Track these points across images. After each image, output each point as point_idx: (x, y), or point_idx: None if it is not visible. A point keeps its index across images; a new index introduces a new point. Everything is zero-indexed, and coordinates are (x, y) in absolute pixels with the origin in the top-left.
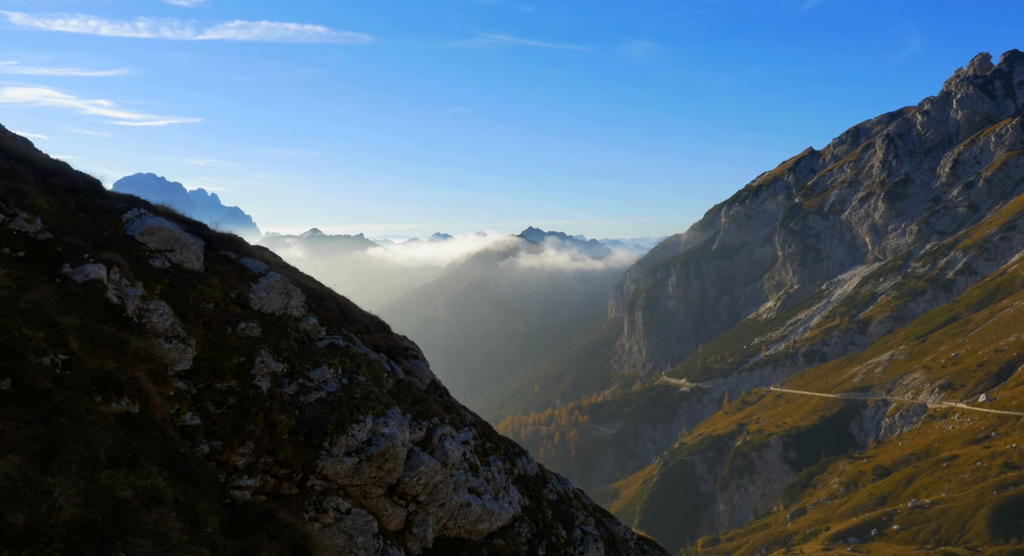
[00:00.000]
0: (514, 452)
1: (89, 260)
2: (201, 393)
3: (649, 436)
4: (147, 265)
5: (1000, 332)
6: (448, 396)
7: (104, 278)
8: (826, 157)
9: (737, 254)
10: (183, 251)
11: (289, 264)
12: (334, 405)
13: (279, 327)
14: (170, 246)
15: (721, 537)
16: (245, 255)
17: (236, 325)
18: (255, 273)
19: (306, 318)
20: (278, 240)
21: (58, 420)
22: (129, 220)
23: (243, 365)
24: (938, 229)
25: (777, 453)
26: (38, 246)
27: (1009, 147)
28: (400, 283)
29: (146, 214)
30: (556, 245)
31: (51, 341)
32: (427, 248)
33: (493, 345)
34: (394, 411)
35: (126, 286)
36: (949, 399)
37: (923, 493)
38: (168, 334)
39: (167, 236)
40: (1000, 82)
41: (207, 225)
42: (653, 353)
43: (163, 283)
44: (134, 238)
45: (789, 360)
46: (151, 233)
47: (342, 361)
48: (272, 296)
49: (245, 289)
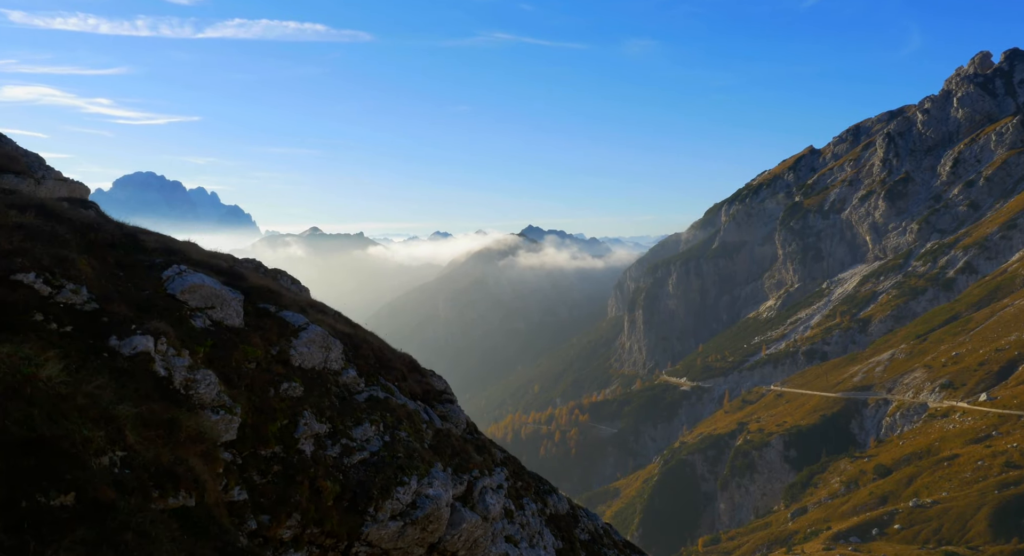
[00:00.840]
0: (544, 490)
1: (136, 332)
2: (247, 462)
3: (649, 435)
4: (189, 325)
5: (1001, 331)
6: (478, 432)
7: (151, 350)
8: (826, 156)
9: (737, 253)
10: (223, 307)
11: (319, 302)
12: (378, 466)
13: (320, 383)
14: (211, 303)
15: (722, 536)
16: (284, 308)
17: (279, 386)
18: (295, 327)
19: (345, 371)
20: (278, 239)
21: (125, 539)
22: (170, 278)
23: (287, 428)
24: (939, 228)
25: (778, 452)
26: (85, 318)
27: (1010, 146)
28: (400, 282)
29: (186, 271)
30: (556, 243)
31: (110, 438)
32: (427, 247)
33: (493, 344)
34: (437, 469)
35: (173, 356)
36: (950, 398)
37: (924, 492)
38: (215, 404)
39: (208, 293)
40: (1001, 81)
41: (245, 275)
42: (653, 352)
43: (206, 346)
44: (175, 297)
45: (789, 359)
46: (192, 291)
47: (383, 416)
48: (312, 351)
49: (286, 345)
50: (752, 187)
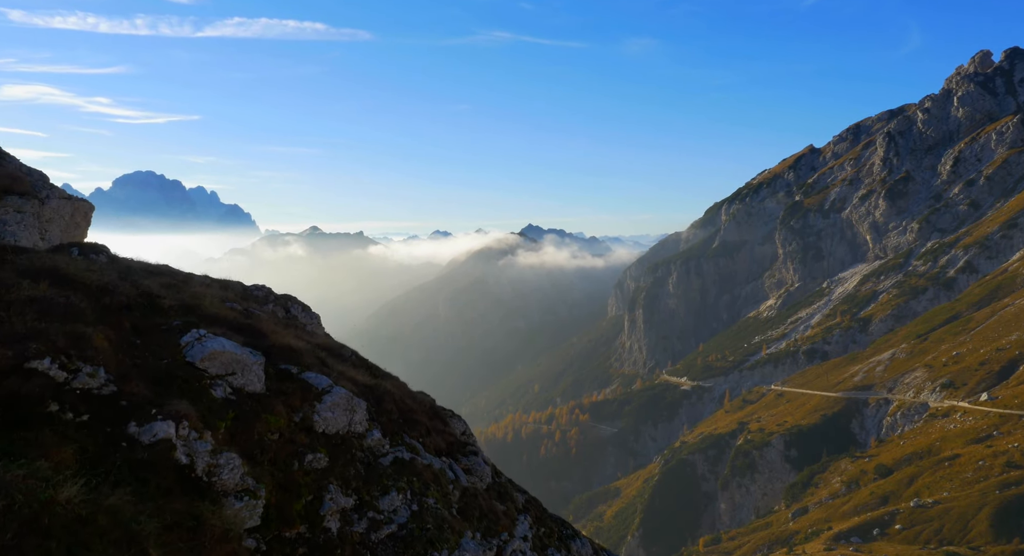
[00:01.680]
0: (567, 535)
1: (157, 417)
2: (271, 547)
3: (650, 435)
4: (210, 397)
5: (1001, 330)
6: (498, 475)
7: (173, 436)
8: (826, 155)
9: (737, 252)
10: (244, 373)
11: (335, 344)
12: (407, 541)
13: (345, 450)
14: (231, 369)
15: (723, 536)
16: (306, 368)
17: (303, 458)
18: (319, 390)
19: (370, 433)
20: (278, 238)
21: None
22: (189, 344)
23: (311, 505)
24: (939, 227)
25: (778, 452)
26: (102, 403)
27: (1010, 145)
28: (400, 281)
29: (206, 336)
30: (555, 242)
31: None
32: (427, 246)
33: (493, 343)
34: (467, 539)
35: (195, 440)
36: (951, 398)
37: (925, 492)
38: (238, 489)
39: (228, 360)
40: (1001, 80)
41: (265, 331)
42: (654, 351)
43: (227, 420)
44: (195, 365)
45: (790, 358)
46: (212, 358)
47: (409, 481)
48: (337, 415)
49: (309, 410)
50: (752, 186)
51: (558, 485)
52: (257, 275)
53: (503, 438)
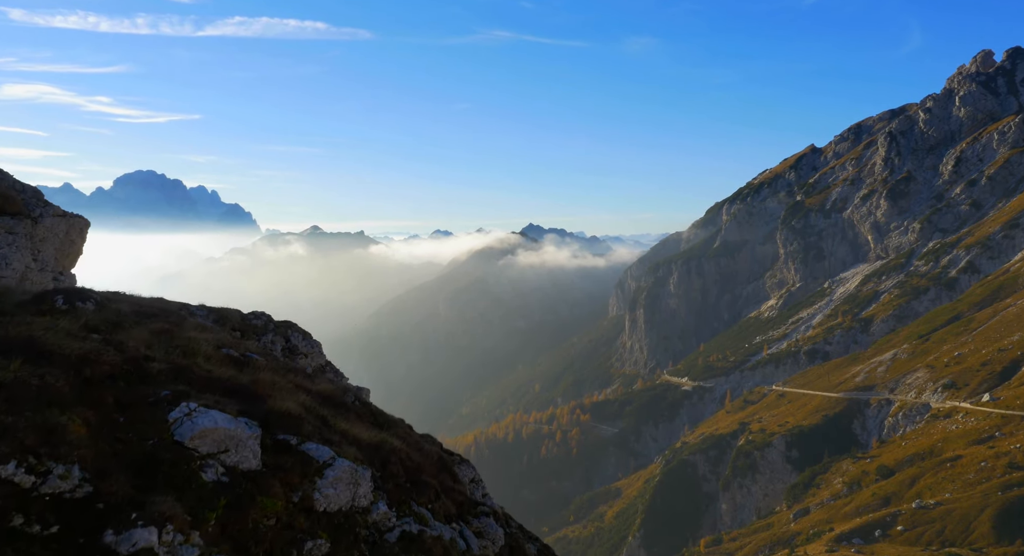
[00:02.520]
0: None
1: (137, 523)
2: None
3: (651, 435)
4: (199, 481)
5: (1003, 331)
6: (510, 524)
7: (155, 544)
8: (828, 154)
9: (738, 252)
10: (239, 449)
11: (335, 392)
12: None
13: (348, 529)
14: (224, 446)
15: (724, 537)
16: (306, 438)
17: (302, 546)
18: (319, 464)
19: (375, 506)
20: (278, 237)
21: None
22: (177, 421)
23: None
24: (940, 227)
25: (779, 452)
26: (75, 508)
27: (1012, 145)
28: (400, 280)
29: (196, 410)
30: (556, 242)
31: None
32: (428, 245)
33: (493, 343)
34: None
35: (180, 545)
36: (952, 399)
37: (927, 494)
38: None
39: (221, 436)
40: (1003, 79)
41: (264, 394)
42: (654, 351)
43: (219, 509)
44: (184, 444)
45: (791, 359)
46: (203, 436)
47: None
48: (339, 491)
49: (310, 488)
50: (753, 186)
51: (559, 485)
52: (258, 274)
53: (504, 438)
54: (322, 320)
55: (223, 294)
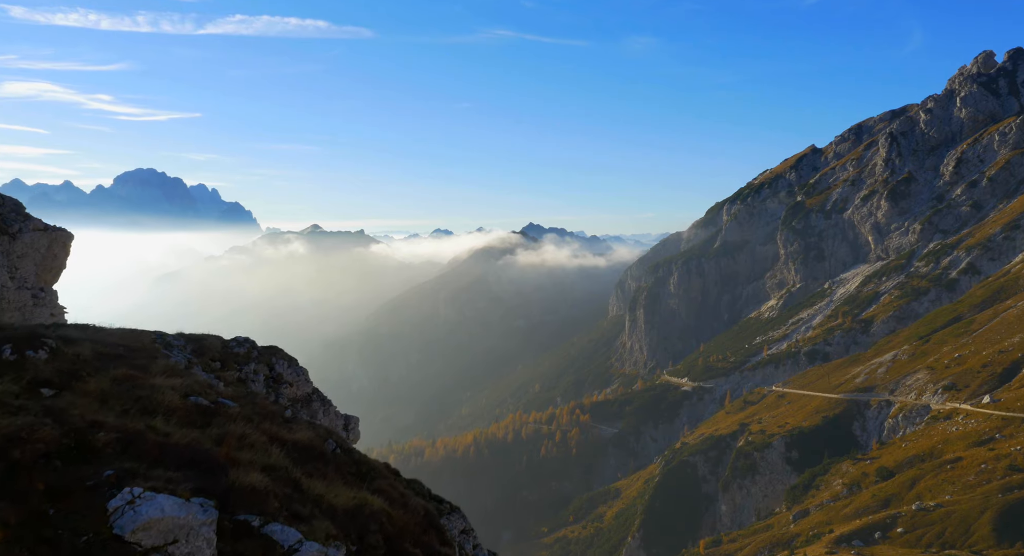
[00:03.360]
0: None
1: None
2: None
3: (650, 435)
4: None
5: (1004, 332)
6: None
7: None
8: (828, 155)
9: (739, 252)
10: (190, 539)
11: (317, 433)
12: None
13: None
14: (172, 537)
15: (723, 538)
16: (270, 518)
17: None
18: (284, 550)
19: None
20: (279, 236)
21: None
22: (118, 511)
23: None
24: (941, 228)
25: (779, 453)
26: None
27: (1013, 146)
28: (401, 279)
29: (141, 497)
30: (556, 241)
31: None
32: (428, 244)
33: (493, 342)
34: None
35: None
36: (953, 400)
37: (927, 495)
38: None
39: (168, 526)
40: (1004, 80)
41: (225, 462)
42: (654, 351)
43: None
44: (124, 539)
45: (791, 359)
46: (147, 528)
47: None
48: None
49: None
50: (754, 186)
51: (558, 485)
52: (258, 273)
53: (503, 438)
54: (322, 319)
55: (223, 293)
